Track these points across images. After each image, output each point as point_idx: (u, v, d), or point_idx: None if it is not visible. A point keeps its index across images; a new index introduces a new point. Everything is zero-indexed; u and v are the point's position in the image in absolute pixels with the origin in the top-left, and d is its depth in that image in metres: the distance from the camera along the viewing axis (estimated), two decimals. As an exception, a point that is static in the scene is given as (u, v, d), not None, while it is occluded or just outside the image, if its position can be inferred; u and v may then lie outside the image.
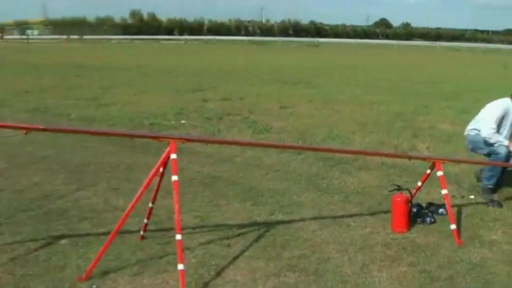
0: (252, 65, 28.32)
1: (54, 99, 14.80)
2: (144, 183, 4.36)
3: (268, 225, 5.60)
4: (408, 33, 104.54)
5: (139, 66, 26.70)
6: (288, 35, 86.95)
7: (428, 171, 5.67)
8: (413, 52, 53.77)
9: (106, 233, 4.76)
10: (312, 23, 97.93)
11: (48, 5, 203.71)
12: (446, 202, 5.41)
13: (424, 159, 6.30)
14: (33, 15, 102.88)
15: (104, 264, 4.48)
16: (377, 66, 30.86)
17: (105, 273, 4.40)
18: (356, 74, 24.32)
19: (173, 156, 4.30)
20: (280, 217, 5.87)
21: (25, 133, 4.55)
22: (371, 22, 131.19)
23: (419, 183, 5.87)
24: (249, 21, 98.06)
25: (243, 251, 4.93)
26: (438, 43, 74.72)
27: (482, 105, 7.10)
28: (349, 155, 8.40)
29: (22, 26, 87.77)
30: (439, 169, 5.41)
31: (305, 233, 5.40)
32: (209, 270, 4.52)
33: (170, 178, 4.27)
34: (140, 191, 4.35)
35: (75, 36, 73.92)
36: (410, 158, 6.72)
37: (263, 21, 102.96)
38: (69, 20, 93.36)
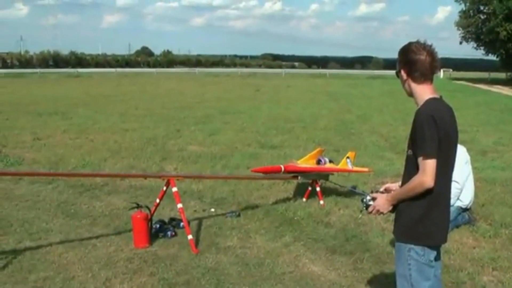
0: (7, 98, 26.83)
1: None
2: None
3: (16, 252, 5.77)
4: (169, 60, 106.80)
5: None
6: (48, 66, 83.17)
7: (164, 188, 6.28)
8: (172, 79, 55.25)
9: None
10: (73, 53, 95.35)
11: None
12: (181, 215, 6.05)
13: (159, 177, 6.88)
14: None
15: None
16: (135, 94, 31.32)
17: None
18: (114, 103, 24.57)
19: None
20: (27, 243, 6.07)
21: None
22: (133, 51, 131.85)
23: (157, 200, 6.45)
24: (7, 53, 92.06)
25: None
26: (198, 69, 77.65)
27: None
28: (98, 181, 8.78)
29: None
30: (174, 186, 6.05)
31: (52, 257, 5.69)
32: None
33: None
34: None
35: None
36: (145, 177, 7.24)
37: (22, 52, 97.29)
38: None
